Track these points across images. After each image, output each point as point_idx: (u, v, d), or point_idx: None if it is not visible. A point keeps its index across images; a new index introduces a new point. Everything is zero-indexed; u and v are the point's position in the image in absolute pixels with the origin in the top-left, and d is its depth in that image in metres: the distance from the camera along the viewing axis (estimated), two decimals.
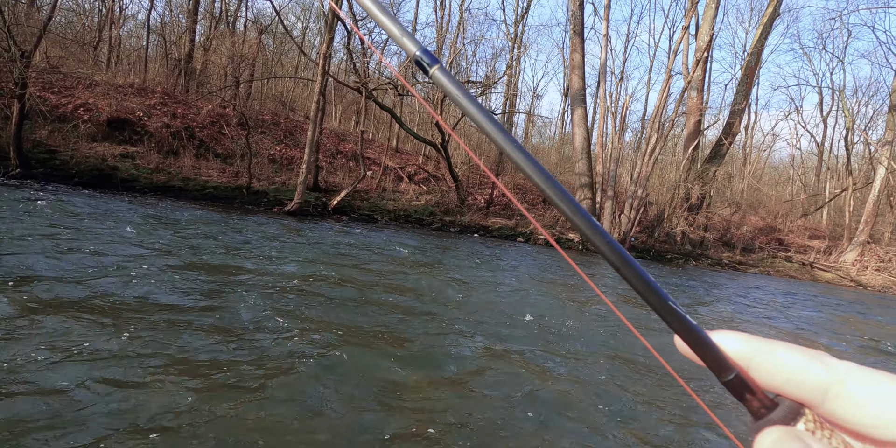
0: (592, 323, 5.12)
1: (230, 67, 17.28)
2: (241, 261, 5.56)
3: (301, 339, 3.39)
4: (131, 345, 2.90)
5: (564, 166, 20.15)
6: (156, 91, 14.98)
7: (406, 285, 5.62)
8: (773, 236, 18.58)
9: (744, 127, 24.85)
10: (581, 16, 18.27)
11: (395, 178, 15.61)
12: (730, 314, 7.10)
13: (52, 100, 12.20)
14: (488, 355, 3.65)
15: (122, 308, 3.49)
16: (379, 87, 15.62)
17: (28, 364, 2.51)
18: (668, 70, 16.60)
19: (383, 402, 2.71)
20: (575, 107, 17.83)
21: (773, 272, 15.13)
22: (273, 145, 14.88)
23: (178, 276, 4.47)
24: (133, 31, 21.74)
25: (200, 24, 19.92)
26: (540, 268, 9.18)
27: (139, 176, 10.86)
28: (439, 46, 21.21)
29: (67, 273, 4.06)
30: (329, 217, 11.80)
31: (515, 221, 14.72)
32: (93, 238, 5.44)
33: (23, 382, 2.35)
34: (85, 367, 2.57)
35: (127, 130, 12.60)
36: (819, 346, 5.72)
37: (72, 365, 2.57)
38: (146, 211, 7.95)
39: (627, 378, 3.57)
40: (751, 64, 18.97)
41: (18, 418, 2.09)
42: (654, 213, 16.38)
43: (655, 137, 15.33)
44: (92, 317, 3.22)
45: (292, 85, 20.66)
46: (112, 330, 3.06)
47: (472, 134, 20.34)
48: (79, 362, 2.61)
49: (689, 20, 18.48)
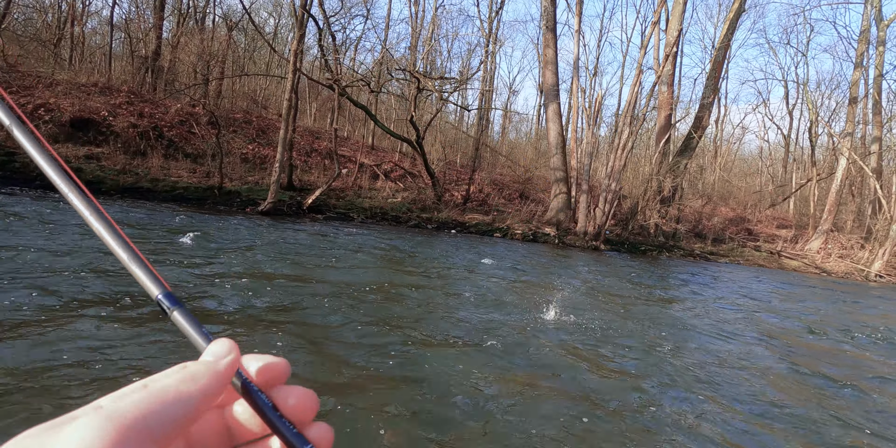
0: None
1: (199, 65, 16.91)
2: (205, 261, 5.49)
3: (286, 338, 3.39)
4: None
5: (540, 161, 20.35)
6: (121, 90, 14.56)
7: (378, 280, 5.64)
8: (742, 226, 19.17)
9: (714, 120, 25.48)
10: (553, 12, 18.42)
11: (371, 176, 15.55)
12: (692, 302, 7.32)
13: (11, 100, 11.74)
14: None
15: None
16: (352, 84, 15.50)
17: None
18: (638, 65, 16.89)
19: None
20: (549, 102, 18.01)
21: (742, 261, 15.62)
22: (245, 144, 14.64)
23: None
24: (97, 28, 21.06)
25: (168, 20, 19.42)
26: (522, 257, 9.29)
27: (105, 177, 10.57)
28: (413, 43, 21.13)
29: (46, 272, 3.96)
30: (304, 216, 11.69)
31: (492, 217, 14.84)
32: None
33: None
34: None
35: (91, 131, 12.24)
36: (769, 327, 5.98)
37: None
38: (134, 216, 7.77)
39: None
40: (718, 59, 19.44)
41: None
42: (628, 206, 16.71)
43: (627, 132, 15.61)
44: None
45: (265, 82, 20.32)
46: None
47: (447, 131, 20.37)
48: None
49: (659, 15, 18.82)
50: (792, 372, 4.24)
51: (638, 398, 3.20)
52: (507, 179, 18.93)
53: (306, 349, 3.37)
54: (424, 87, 15.21)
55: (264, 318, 3.86)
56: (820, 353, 5.13)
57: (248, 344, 3.32)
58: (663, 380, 3.60)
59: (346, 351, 3.44)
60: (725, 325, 5.85)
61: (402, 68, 17.08)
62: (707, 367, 4.04)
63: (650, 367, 3.86)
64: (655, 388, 3.42)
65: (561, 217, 15.88)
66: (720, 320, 6.14)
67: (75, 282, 4.06)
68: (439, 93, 16.76)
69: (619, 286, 7.86)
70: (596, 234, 14.68)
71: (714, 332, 5.36)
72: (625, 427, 2.77)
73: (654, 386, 3.46)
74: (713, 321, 6.03)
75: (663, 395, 3.31)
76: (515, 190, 18.35)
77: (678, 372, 3.83)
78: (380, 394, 2.86)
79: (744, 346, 4.91)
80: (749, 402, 3.39)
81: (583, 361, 3.75)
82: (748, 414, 3.18)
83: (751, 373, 4.09)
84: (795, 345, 5.33)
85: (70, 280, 4.08)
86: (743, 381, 3.83)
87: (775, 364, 4.45)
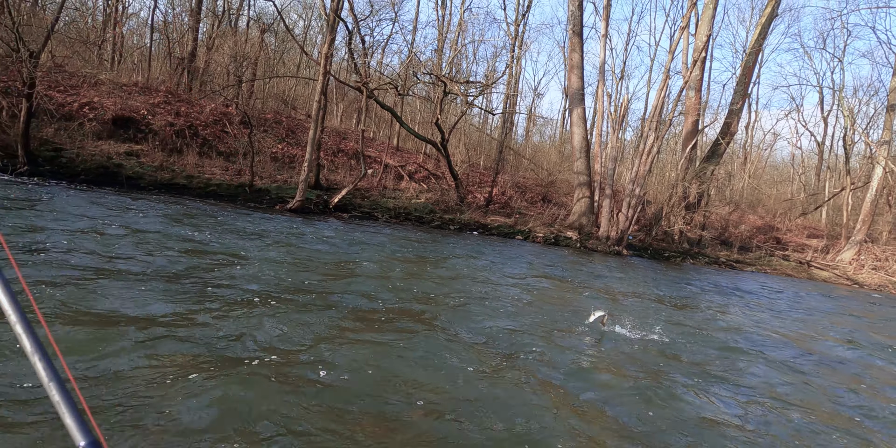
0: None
1: (233, 66, 17.46)
2: (247, 252, 5.74)
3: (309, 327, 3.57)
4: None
5: (563, 165, 20.28)
6: (159, 90, 15.15)
7: (403, 278, 5.80)
8: (771, 235, 18.71)
9: (744, 126, 24.94)
10: (580, 16, 18.38)
11: (396, 177, 15.78)
12: (723, 308, 7.26)
13: (59, 98, 12.38)
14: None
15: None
16: (380, 87, 15.78)
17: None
18: (666, 69, 16.71)
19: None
20: (573, 106, 17.96)
21: (769, 270, 15.28)
22: (275, 144, 15.06)
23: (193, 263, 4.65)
24: (136, 30, 21.92)
25: (203, 22, 20.07)
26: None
27: (143, 174, 11.05)
28: (440, 46, 21.33)
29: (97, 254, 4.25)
30: (330, 215, 11.98)
31: (514, 219, 14.89)
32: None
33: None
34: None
35: (131, 129, 12.79)
36: (805, 338, 5.89)
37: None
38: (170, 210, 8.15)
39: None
40: (749, 63, 19.08)
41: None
42: (652, 212, 16.53)
43: (653, 137, 15.47)
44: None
45: (294, 84, 20.82)
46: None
47: (471, 133, 20.49)
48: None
49: (688, 20, 18.59)
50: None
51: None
52: (530, 182, 18.94)
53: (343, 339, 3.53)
54: (450, 91, 15.38)
55: (300, 301, 4.05)
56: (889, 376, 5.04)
57: (291, 315, 3.49)
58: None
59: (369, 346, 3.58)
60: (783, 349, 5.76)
61: (428, 72, 17.31)
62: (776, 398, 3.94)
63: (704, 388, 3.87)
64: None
65: (583, 221, 15.82)
66: (770, 337, 6.03)
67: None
68: (464, 96, 16.91)
69: (649, 293, 7.84)
70: (619, 239, 14.58)
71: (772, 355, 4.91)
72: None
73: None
74: (765, 336, 5.97)
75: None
76: (538, 193, 18.34)
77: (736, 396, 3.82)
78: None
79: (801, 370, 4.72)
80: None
81: (635, 387, 3.39)
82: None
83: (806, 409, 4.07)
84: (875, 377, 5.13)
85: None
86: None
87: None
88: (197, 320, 3.45)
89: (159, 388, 2.46)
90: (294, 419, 2.37)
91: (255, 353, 3.05)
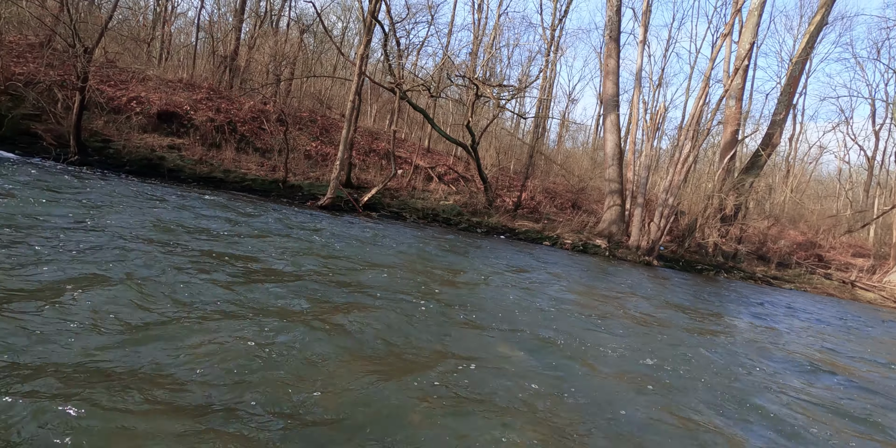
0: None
1: (272, 65, 17.93)
2: (269, 250, 5.83)
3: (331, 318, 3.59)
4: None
5: (595, 172, 19.94)
6: (202, 86, 15.69)
7: (429, 280, 5.78)
8: (812, 252, 17.87)
9: (788, 138, 23.97)
10: (618, 21, 18.08)
11: (425, 178, 15.84)
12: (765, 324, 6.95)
13: (109, 92, 12.97)
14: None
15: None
16: (413, 89, 15.88)
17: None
18: (706, 77, 16.24)
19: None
20: (608, 113, 17.66)
21: (809, 289, 14.58)
22: (309, 142, 15.35)
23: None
24: (183, 29, 22.79)
25: (246, 22, 20.72)
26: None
27: (184, 167, 11.43)
28: (475, 49, 21.35)
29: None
30: (359, 213, 12.10)
31: (542, 225, 14.70)
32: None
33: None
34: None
35: (174, 123, 13.27)
36: (850, 366, 5.56)
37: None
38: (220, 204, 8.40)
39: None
40: (795, 73, 18.35)
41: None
42: (685, 223, 16.04)
43: (690, 146, 15.04)
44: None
45: (330, 84, 21.21)
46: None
47: (502, 137, 20.39)
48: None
49: (731, 27, 18.02)
50: None
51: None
52: (560, 188, 18.70)
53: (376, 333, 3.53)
54: (483, 94, 15.35)
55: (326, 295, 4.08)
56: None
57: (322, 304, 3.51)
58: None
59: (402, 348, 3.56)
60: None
61: (461, 74, 17.33)
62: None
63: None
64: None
65: (613, 229, 15.50)
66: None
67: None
68: (497, 99, 16.84)
69: (684, 307, 7.59)
70: (649, 249, 14.21)
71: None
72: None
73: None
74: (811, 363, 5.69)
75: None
76: (568, 199, 18.09)
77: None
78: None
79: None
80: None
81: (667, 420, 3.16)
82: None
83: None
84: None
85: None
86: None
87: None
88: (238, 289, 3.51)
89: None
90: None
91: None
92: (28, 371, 2.28)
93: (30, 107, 10.76)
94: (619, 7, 18.05)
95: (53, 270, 3.54)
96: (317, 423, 2.31)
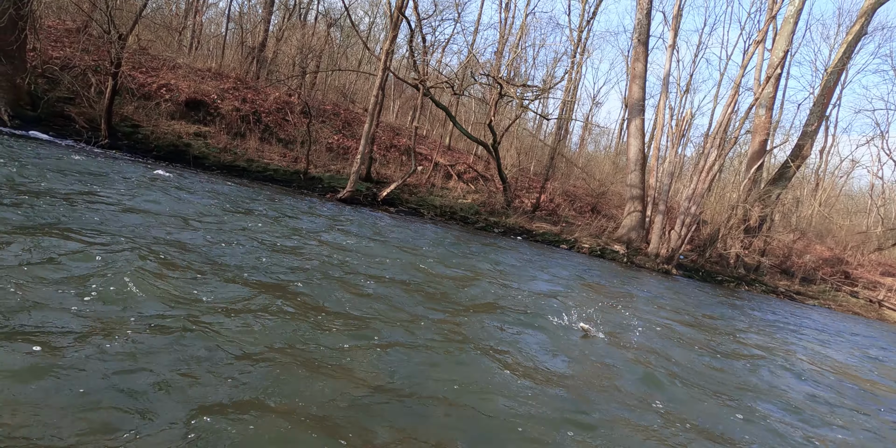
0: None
1: (299, 57, 18.07)
2: (297, 239, 5.85)
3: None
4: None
5: (617, 176, 19.65)
6: (230, 76, 15.88)
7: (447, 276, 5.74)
8: (839, 268, 17.34)
9: (818, 150, 23.27)
10: (647, 25, 17.75)
11: (445, 175, 15.80)
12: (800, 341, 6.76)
13: (140, 79, 13.21)
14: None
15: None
16: (436, 86, 15.84)
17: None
18: (735, 85, 15.88)
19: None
20: (632, 117, 17.38)
21: (834, 306, 14.15)
22: (331, 134, 15.43)
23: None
24: (214, 19, 23.13)
25: (275, 14, 20.90)
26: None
27: (209, 154, 11.59)
28: (500, 48, 21.20)
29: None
30: (378, 207, 12.12)
31: (560, 228, 14.54)
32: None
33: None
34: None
35: (201, 111, 13.46)
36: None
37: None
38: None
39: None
40: (829, 84, 17.85)
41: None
42: (707, 233, 15.72)
43: (715, 154, 14.73)
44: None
45: (355, 78, 21.30)
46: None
47: (524, 137, 20.23)
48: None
49: (764, 34, 17.56)
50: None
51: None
52: (580, 191, 18.47)
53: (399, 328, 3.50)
54: (506, 94, 15.23)
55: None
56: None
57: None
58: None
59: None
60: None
61: (486, 73, 17.22)
62: None
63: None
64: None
65: (633, 236, 15.25)
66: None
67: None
68: (520, 99, 16.70)
69: (706, 321, 7.42)
70: (669, 258, 13.95)
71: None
72: None
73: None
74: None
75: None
76: (587, 203, 17.86)
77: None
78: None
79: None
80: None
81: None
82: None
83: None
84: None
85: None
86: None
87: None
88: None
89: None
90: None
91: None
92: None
93: (64, 90, 11.01)
94: (649, 10, 17.73)
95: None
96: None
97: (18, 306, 2.58)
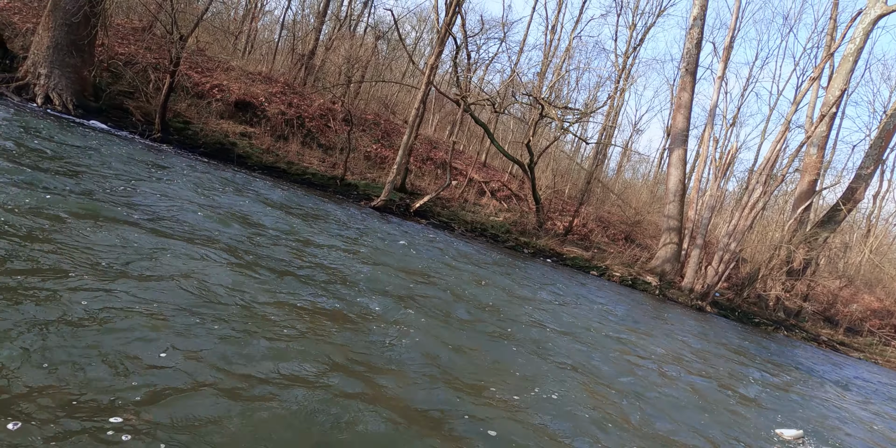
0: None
1: (345, 67, 18.50)
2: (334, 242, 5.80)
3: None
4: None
5: (654, 206, 19.17)
6: (278, 81, 16.35)
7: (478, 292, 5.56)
8: (888, 321, 16.27)
9: (872, 195, 22.21)
10: (696, 55, 17.46)
11: (478, 192, 15.71)
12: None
13: (195, 78, 13.71)
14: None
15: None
16: (477, 103, 15.89)
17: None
18: (786, 121, 15.37)
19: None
20: (674, 147, 16.98)
21: (881, 361, 13.21)
22: (370, 143, 15.62)
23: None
24: (268, 26, 24.05)
25: (326, 24, 21.58)
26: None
27: (252, 154, 11.84)
28: (543, 70, 21.23)
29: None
30: (409, 218, 12.08)
31: (592, 254, 14.17)
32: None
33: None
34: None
35: (249, 112, 13.84)
36: None
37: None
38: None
39: None
40: (889, 126, 17.07)
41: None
42: (746, 271, 15.04)
43: (760, 191, 14.18)
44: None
45: (397, 90, 21.65)
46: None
47: (561, 160, 20.03)
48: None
49: (820, 71, 17.02)
50: None
51: None
52: (614, 218, 18.07)
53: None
54: (546, 115, 15.14)
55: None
56: None
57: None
58: None
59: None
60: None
61: (527, 93, 17.21)
62: None
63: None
64: None
65: (667, 268, 14.73)
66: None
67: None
68: (560, 121, 16.56)
69: (749, 372, 6.98)
70: (704, 294, 13.37)
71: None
72: None
73: None
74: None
75: None
76: (621, 231, 17.42)
77: None
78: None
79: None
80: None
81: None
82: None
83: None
84: None
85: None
86: None
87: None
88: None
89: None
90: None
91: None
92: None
93: (126, 84, 11.51)
94: (699, 40, 17.45)
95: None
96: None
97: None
